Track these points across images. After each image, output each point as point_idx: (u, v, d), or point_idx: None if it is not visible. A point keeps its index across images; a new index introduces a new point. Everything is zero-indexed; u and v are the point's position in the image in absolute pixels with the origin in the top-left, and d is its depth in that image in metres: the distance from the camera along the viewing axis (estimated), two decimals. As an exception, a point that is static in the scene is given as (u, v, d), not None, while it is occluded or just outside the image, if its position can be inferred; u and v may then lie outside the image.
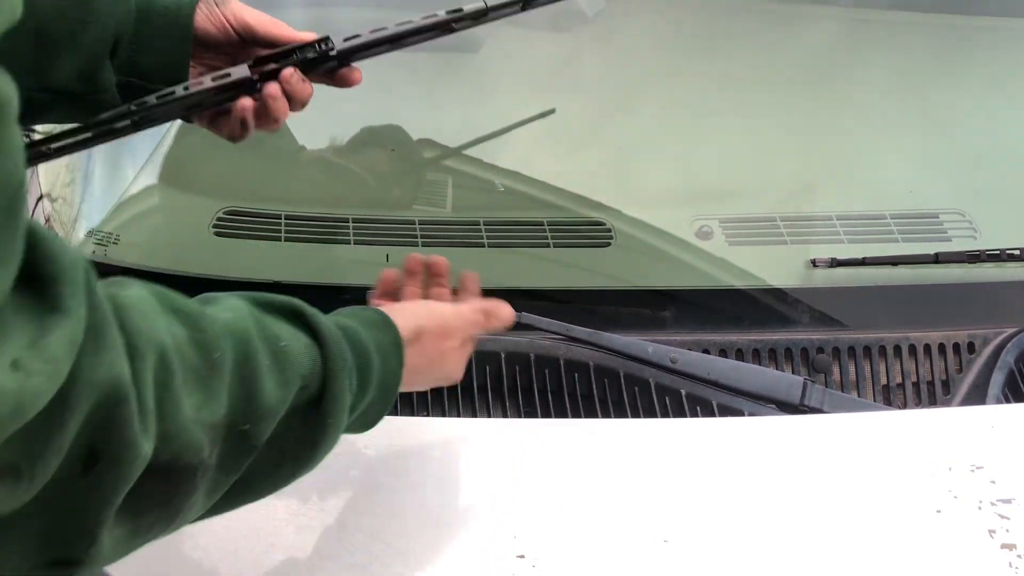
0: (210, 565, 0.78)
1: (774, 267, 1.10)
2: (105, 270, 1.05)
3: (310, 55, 0.78)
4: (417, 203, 1.15)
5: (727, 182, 1.17)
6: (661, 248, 1.11)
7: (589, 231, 1.10)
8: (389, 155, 1.19)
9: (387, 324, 0.73)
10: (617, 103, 1.23)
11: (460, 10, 0.80)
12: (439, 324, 0.78)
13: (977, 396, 1.03)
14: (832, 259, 1.09)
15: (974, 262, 1.10)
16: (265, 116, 0.79)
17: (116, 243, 1.05)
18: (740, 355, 1.04)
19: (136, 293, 0.56)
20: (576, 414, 0.99)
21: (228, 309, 0.63)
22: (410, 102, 1.22)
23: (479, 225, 1.10)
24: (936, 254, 1.09)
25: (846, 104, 1.24)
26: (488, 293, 1.04)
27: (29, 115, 0.59)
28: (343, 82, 0.82)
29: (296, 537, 0.81)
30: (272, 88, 0.77)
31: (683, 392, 0.99)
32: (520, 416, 0.96)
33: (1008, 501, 0.85)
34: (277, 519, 0.82)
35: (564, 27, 1.30)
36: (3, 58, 0.39)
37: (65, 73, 0.76)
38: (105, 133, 0.76)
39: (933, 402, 1.04)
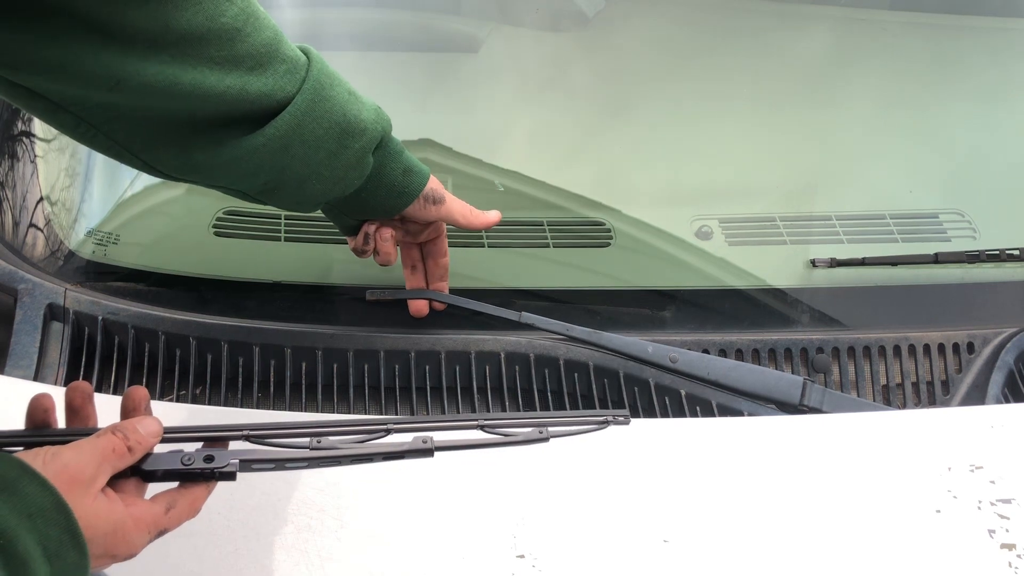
0: (210, 565, 0.78)
1: (774, 267, 1.10)
2: (105, 270, 1.06)
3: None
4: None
5: (727, 182, 1.17)
6: (661, 248, 1.11)
7: (589, 231, 1.10)
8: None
9: (60, 507, 0.57)
10: (617, 103, 1.23)
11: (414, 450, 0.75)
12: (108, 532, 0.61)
13: (977, 396, 1.03)
14: (832, 259, 1.09)
15: (973, 262, 1.10)
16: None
17: (116, 243, 1.05)
18: (740, 355, 1.04)
19: None
20: (576, 414, 0.99)
21: None
22: (410, 102, 1.22)
23: (479, 225, 1.10)
24: (936, 254, 1.09)
25: (846, 104, 1.24)
26: (488, 293, 1.05)
27: None
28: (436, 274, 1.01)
29: (296, 537, 0.81)
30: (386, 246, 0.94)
31: (683, 392, 1.00)
32: (520, 416, 0.96)
33: (1008, 501, 0.85)
34: (277, 519, 0.82)
35: (564, 28, 1.30)
36: None
37: (283, 202, 0.89)
38: None
39: (933, 402, 1.04)
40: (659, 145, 1.21)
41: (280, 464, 0.70)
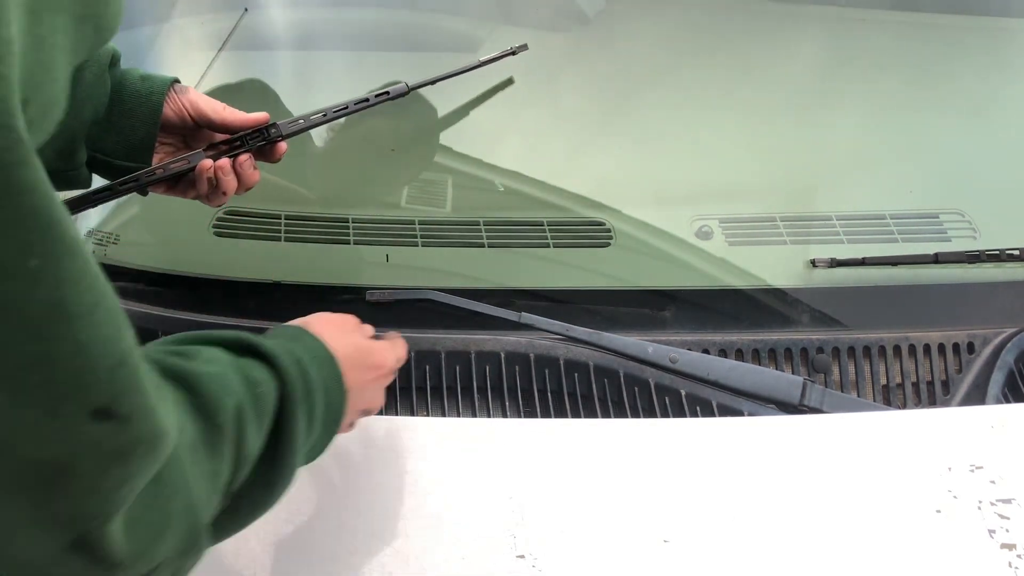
0: (210, 565, 0.78)
1: (774, 267, 1.10)
2: (105, 270, 1.05)
3: (259, 142, 0.89)
4: (417, 203, 1.15)
5: (727, 182, 1.17)
6: (661, 248, 1.11)
7: (589, 231, 1.10)
8: (389, 155, 1.19)
9: (331, 360, 0.72)
10: (617, 103, 1.23)
11: (386, 92, 0.96)
12: (361, 355, 0.78)
13: (977, 396, 1.03)
14: (832, 259, 1.09)
15: (974, 262, 1.10)
16: (214, 191, 0.88)
17: (116, 243, 1.05)
18: (740, 355, 1.04)
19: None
20: (576, 414, 0.99)
21: (210, 361, 0.63)
22: (410, 101, 1.21)
23: (479, 225, 1.10)
24: (936, 254, 1.09)
25: (846, 104, 1.24)
26: (488, 293, 1.05)
27: None
28: (269, 157, 0.92)
29: (296, 537, 0.81)
30: (223, 163, 0.87)
31: (683, 392, 1.00)
32: (520, 416, 0.96)
33: (1008, 501, 0.85)
34: (277, 519, 0.82)
35: (564, 27, 1.30)
36: None
37: (47, 152, 0.79)
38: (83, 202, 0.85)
39: (933, 402, 1.04)
40: (659, 145, 1.20)
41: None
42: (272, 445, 0.64)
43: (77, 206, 0.85)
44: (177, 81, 0.89)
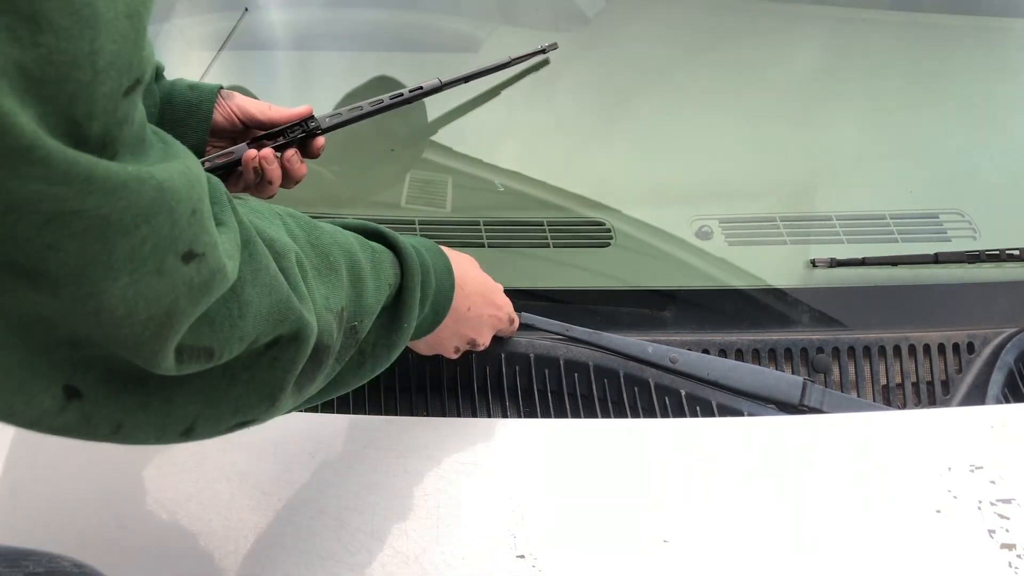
0: (210, 565, 0.78)
1: (774, 267, 1.10)
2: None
3: (299, 134, 0.96)
4: (417, 203, 1.15)
5: (727, 182, 1.17)
6: (661, 248, 1.11)
7: (589, 231, 1.11)
8: (389, 155, 1.19)
9: (442, 253, 0.85)
10: (617, 103, 1.23)
11: (420, 87, 1.05)
12: (487, 288, 0.91)
13: (977, 396, 1.03)
14: (832, 259, 1.09)
15: (974, 262, 1.10)
16: (261, 181, 0.94)
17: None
18: (740, 355, 1.04)
19: (259, 207, 0.66)
20: (576, 414, 0.99)
21: (328, 227, 0.72)
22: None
23: (479, 225, 1.10)
24: (936, 254, 1.09)
25: (846, 104, 1.24)
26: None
27: None
28: (308, 152, 0.98)
29: (296, 537, 0.81)
30: (267, 153, 0.93)
31: (683, 392, 1.00)
32: (520, 416, 0.96)
33: (1008, 501, 0.85)
34: (277, 519, 0.82)
35: (564, 27, 1.30)
36: None
37: None
38: None
39: (933, 402, 1.04)
40: (659, 145, 1.21)
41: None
42: (392, 309, 0.76)
43: None
44: (222, 88, 0.95)
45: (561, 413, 0.99)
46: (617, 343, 0.99)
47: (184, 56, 1.26)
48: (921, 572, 0.79)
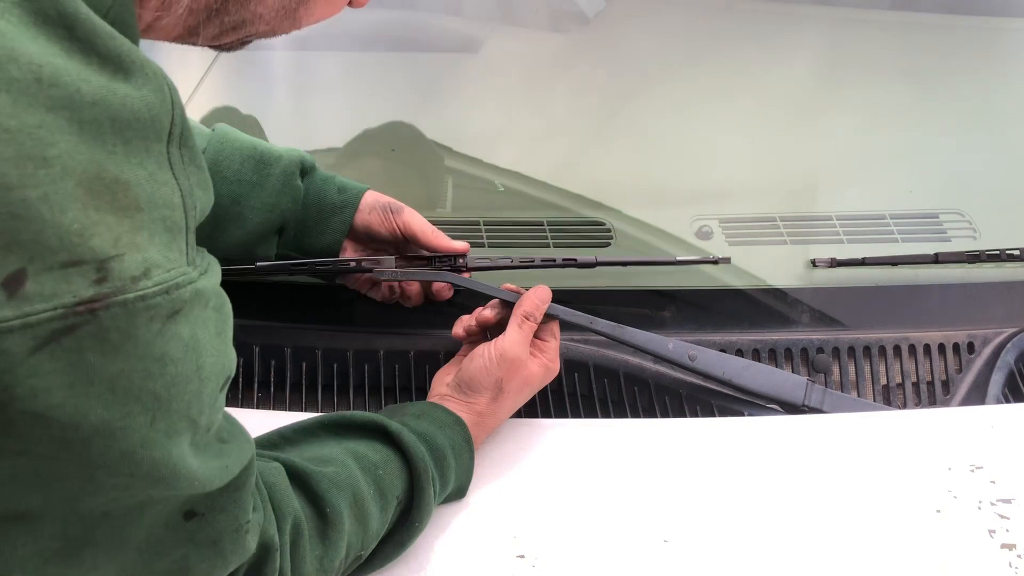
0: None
1: (774, 267, 1.10)
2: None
3: (445, 266, 0.97)
4: (417, 203, 1.15)
5: (727, 182, 1.17)
6: (661, 248, 1.10)
7: (589, 231, 1.10)
8: (389, 155, 1.19)
9: (458, 423, 0.85)
10: (617, 103, 1.23)
11: (574, 259, 1.00)
12: (523, 395, 0.91)
13: (977, 396, 1.03)
14: (832, 259, 1.09)
15: (973, 262, 1.10)
16: (396, 296, 1.00)
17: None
18: (740, 355, 1.04)
19: (270, 466, 0.71)
20: (576, 414, 0.99)
21: (328, 461, 0.75)
22: (410, 102, 1.22)
23: (479, 225, 1.10)
24: (936, 254, 1.09)
25: (846, 104, 1.24)
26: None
27: None
28: (436, 295, 1.00)
29: (296, 537, 0.81)
30: (442, 287, 0.98)
31: (683, 392, 1.00)
32: (520, 416, 0.96)
33: (1008, 501, 0.85)
34: (277, 519, 0.82)
35: (564, 28, 1.30)
36: None
37: (229, 243, 0.92)
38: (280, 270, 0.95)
39: (933, 402, 1.04)
40: (659, 145, 1.21)
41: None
42: (404, 515, 0.78)
43: (271, 272, 0.94)
44: (368, 189, 0.97)
45: (561, 413, 0.99)
46: (639, 338, 0.98)
47: (184, 56, 1.25)
48: (921, 572, 0.79)
